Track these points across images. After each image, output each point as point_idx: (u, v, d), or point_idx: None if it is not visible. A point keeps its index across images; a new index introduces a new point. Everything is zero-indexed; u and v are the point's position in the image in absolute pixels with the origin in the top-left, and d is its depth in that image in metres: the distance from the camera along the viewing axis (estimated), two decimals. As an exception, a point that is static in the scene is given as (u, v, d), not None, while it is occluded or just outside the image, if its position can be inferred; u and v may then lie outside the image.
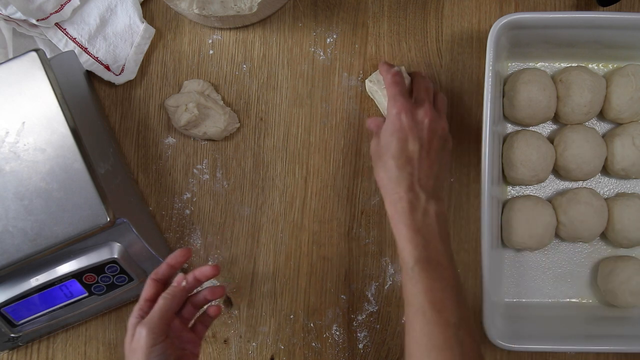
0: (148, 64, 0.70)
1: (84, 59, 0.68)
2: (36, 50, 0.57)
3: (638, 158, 0.64)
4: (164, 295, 0.55)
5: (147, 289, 0.56)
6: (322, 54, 0.70)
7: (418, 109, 0.58)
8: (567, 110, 0.65)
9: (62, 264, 0.59)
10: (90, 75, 0.69)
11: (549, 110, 0.65)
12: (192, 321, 0.59)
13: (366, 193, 0.69)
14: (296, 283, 0.69)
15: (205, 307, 0.60)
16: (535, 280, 0.68)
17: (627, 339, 0.61)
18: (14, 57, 0.57)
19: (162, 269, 0.57)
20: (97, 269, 0.60)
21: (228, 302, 0.69)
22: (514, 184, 0.69)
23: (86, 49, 0.68)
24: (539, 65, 0.69)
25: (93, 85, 0.69)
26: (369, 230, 0.69)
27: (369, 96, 0.70)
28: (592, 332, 0.63)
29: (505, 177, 0.68)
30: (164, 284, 0.57)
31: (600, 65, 0.69)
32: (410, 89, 0.63)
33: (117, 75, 0.68)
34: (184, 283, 0.56)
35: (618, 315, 0.66)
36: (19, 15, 0.64)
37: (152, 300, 0.55)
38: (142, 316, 0.54)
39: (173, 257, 0.58)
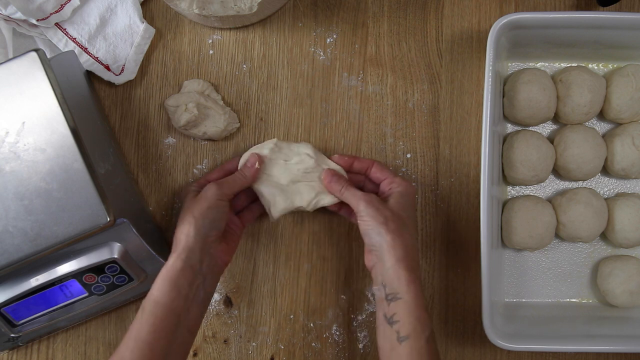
0: (148, 64, 0.70)
1: (84, 59, 0.68)
2: (36, 50, 0.57)
3: (638, 158, 0.64)
4: (241, 171, 0.62)
5: (215, 173, 0.64)
6: (322, 54, 0.70)
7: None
8: (567, 110, 0.65)
9: (62, 264, 0.59)
10: (90, 75, 0.69)
11: (549, 110, 0.65)
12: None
13: (366, 193, 0.69)
14: (296, 283, 0.69)
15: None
16: (535, 280, 0.68)
17: (627, 339, 0.61)
18: (14, 57, 0.57)
19: (234, 162, 0.65)
20: (97, 269, 0.60)
21: (228, 302, 0.69)
22: (514, 184, 0.69)
23: (86, 49, 0.68)
24: (539, 65, 0.69)
25: (93, 85, 0.69)
26: (369, 230, 0.69)
27: (369, 96, 0.69)
28: (592, 332, 0.63)
29: (505, 177, 0.68)
30: (228, 174, 0.64)
31: (600, 65, 0.69)
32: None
33: (117, 75, 0.68)
34: (257, 165, 0.62)
35: (618, 315, 0.66)
36: (19, 15, 0.64)
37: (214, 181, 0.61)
38: (200, 189, 0.60)
39: (251, 159, 0.63)
